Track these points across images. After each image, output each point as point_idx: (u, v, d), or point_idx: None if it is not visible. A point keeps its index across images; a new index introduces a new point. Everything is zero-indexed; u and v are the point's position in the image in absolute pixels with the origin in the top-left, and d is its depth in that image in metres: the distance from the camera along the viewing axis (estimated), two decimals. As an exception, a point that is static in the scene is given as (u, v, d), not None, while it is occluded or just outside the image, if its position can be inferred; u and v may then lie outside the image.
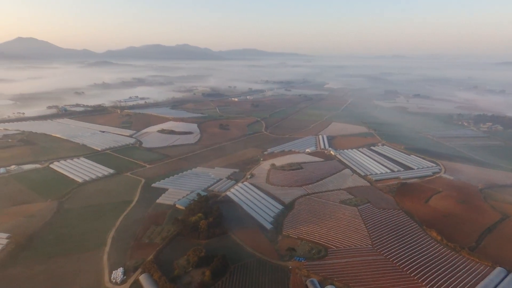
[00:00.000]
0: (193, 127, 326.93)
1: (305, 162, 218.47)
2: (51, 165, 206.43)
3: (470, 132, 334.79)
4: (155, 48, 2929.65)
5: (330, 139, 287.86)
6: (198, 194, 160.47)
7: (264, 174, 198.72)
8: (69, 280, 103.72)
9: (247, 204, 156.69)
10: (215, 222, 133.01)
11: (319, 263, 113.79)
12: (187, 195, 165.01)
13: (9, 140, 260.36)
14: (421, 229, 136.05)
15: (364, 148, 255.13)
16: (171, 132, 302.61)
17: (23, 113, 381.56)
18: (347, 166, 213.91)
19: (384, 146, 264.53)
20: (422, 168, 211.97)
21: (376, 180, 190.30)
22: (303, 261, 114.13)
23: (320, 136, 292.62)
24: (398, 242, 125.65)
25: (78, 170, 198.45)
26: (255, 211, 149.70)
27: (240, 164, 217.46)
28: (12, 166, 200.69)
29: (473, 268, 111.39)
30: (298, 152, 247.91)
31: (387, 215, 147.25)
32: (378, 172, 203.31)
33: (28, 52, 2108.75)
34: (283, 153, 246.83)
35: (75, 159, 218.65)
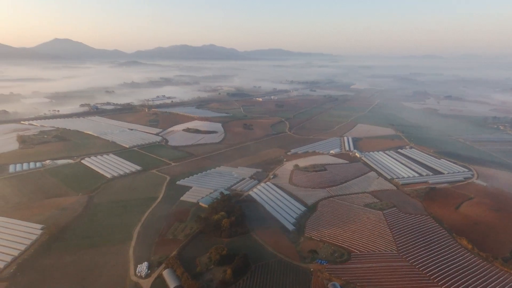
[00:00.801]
0: (218, 126, 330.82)
1: (329, 164, 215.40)
2: (82, 161, 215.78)
3: (506, 136, 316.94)
4: (182, 49, 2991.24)
5: (356, 141, 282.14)
6: (221, 193, 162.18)
7: (287, 174, 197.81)
8: (97, 271, 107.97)
9: (269, 204, 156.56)
10: (237, 221, 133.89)
11: (341, 266, 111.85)
12: (210, 193, 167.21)
13: (45, 136, 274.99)
14: (450, 236, 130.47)
15: (391, 151, 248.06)
16: (196, 131, 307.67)
17: (58, 111, 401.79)
18: (372, 169, 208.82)
19: (412, 149, 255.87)
20: (452, 173, 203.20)
21: (403, 184, 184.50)
22: (325, 264, 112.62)
23: (345, 138, 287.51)
24: (426, 249, 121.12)
25: (107, 166, 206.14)
26: (277, 212, 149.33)
27: (263, 164, 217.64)
28: (47, 161, 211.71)
29: (506, 280, 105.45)
30: (322, 154, 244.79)
31: (414, 220, 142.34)
32: (405, 176, 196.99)
33: (64, 52, 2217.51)
34: (306, 154, 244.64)
35: (105, 155, 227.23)
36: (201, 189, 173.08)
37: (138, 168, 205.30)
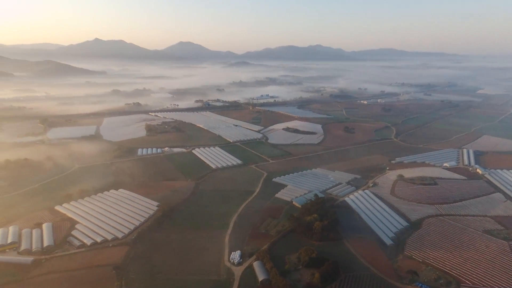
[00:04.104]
0: (317, 127, 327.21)
1: (441, 178, 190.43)
2: (193, 151, 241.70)
3: None
4: (289, 49, 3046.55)
5: (478, 154, 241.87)
6: (316, 195, 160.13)
7: (389, 184, 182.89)
8: (196, 251, 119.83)
9: (366, 214, 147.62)
10: (329, 226, 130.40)
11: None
12: (305, 194, 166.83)
13: (166, 126, 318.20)
14: None
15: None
16: (296, 130, 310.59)
17: (177, 105, 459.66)
18: (498, 190, 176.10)
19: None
20: None
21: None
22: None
23: (465, 150, 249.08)
24: None
25: (213, 157, 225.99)
26: (374, 223, 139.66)
27: (362, 171, 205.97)
28: (166, 148, 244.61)
29: None
30: (434, 166, 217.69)
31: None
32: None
33: (186, 53, 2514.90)
34: (414, 164, 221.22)
35: (211, 148, 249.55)
36: (296, 189, 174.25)
37: (239, 162, 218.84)
